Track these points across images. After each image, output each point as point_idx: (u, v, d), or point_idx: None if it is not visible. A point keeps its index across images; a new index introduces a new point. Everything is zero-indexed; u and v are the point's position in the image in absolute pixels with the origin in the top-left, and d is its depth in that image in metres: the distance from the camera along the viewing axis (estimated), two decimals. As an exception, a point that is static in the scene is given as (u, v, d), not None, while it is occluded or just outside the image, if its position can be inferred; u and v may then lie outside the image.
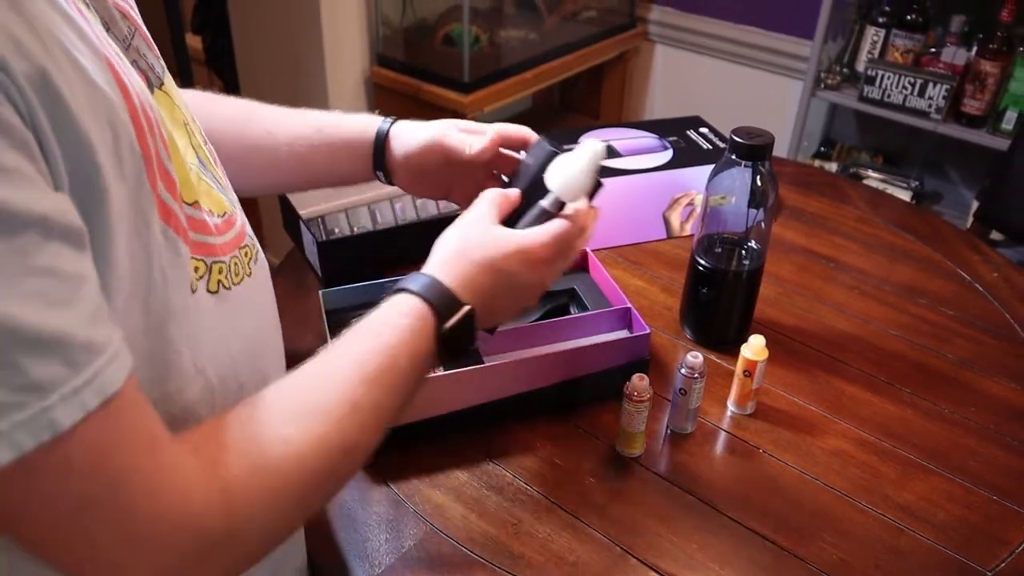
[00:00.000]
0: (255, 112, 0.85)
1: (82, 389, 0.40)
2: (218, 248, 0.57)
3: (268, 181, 0.89)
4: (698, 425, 0.88)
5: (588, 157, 0.70)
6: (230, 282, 0.58)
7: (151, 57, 0.59)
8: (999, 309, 1.09)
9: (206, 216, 0.56)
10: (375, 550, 0.74)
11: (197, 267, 0.54)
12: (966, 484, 0.82)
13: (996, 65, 1.88)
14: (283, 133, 0.83)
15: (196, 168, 0.58)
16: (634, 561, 0.73)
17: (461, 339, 0.64)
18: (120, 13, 0.56)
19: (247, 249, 0.62)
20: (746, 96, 2.37)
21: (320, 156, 0.83)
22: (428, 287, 0.63)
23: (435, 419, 0.83)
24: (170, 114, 0.58)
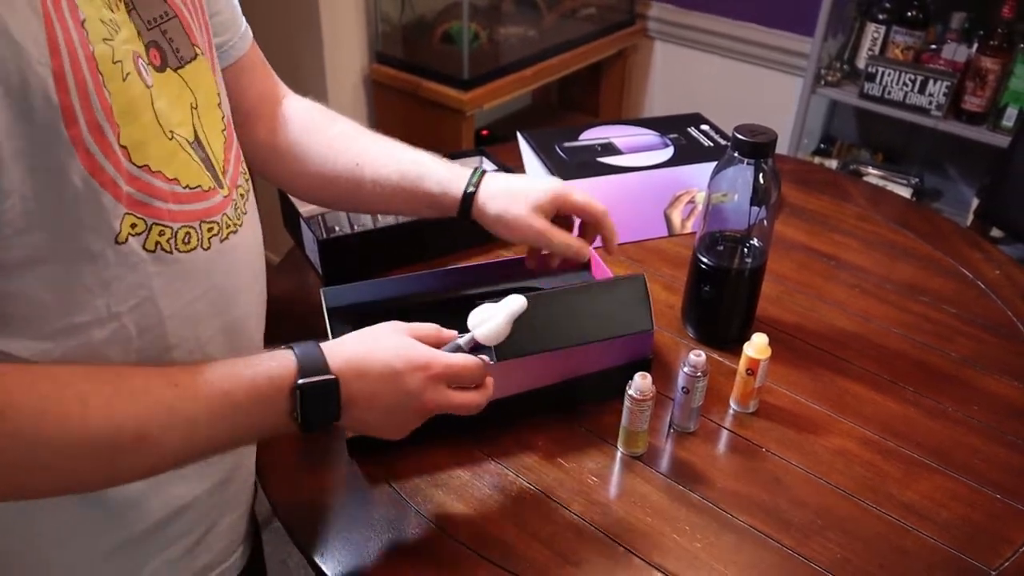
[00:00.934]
0: (351, 140, 0.90)
1: None
2: (165, 213, 0.59)
3: (352, 205, 0.98)
4: (701, 424, 0.87)
5: (511, 308, 0.74)
6: (172, 247, 0.60)
7: (181, 41, 0.64)
8: (1001, 307, 1.09)
9: (159, 182, 0.58)
10: (377, 549, 0.74)
11: (135, 224, 0.57)
12: (970, 483, 0.82)
13: (997, 62, 1.88)
14: (369, 170, 0.87)
15: (180, 141, 0.61)
16: (637, 561, 0.73)
17: (317, 404, 0.62)
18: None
19: (213, 225, 0.64)
20: (746, 93, 2.37)
21: (402, 200, 0.89)
22: (307, 347, 0.64)
23: (438, 418, 0.82)
24: (177, 93, 0.63)
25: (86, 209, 0.54)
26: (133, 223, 0.57)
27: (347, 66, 2.06)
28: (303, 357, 0.62)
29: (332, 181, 0.88)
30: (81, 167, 0.53)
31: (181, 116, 0.63)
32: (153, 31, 0.61)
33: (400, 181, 0.87)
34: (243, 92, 0.83)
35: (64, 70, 0.51)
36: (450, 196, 0.87)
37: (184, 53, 0.64)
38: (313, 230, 1.07)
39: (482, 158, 1.29)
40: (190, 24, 0.66)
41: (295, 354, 0.63)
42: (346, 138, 0.90)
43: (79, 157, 0.52)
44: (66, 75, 0.51)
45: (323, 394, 0.63)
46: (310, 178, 0.89)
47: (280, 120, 0.90)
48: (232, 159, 0.70)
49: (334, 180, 0.88)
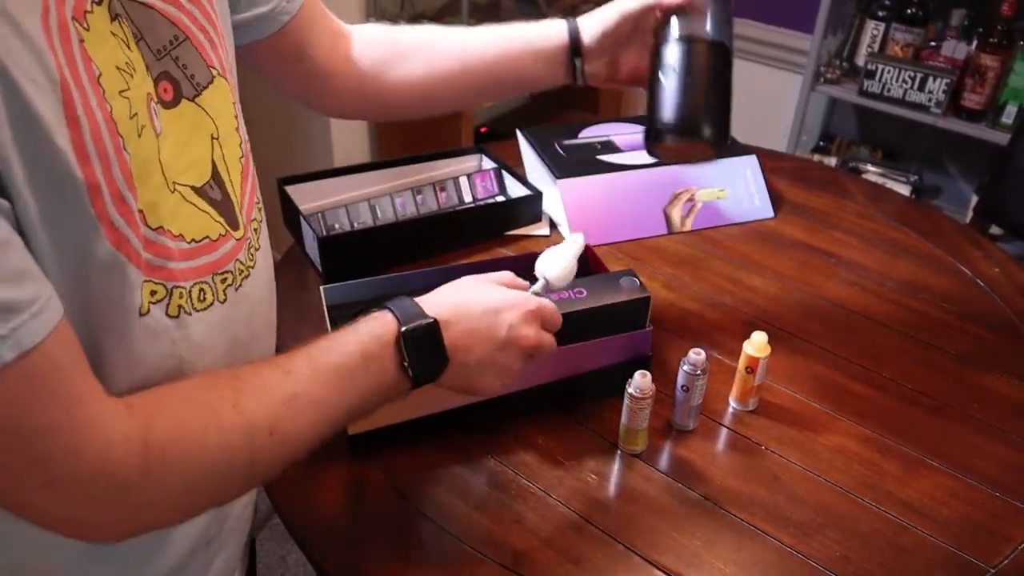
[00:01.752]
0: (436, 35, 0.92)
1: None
2: (179, 273, 0.57)
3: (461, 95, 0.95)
4: (700, 422, 0.87)
5: (568, 249, 0.76)
6: (191, 308, 0.58)
7: (196, 65, 0.60)
8: (1000, 305, 1.09)
9: (169, 241, 0.56)
10: (378, 548, 0.74)
11: (154, 291, 0.55)
12: (969, 481, 0.82)
13: (996, 59, 1.88)
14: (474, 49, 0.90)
15: (182, 191, 0.58)
16: (637, 559, 0.73)
17: (424, 349, 0.64)
18: (168, 20, 0.57)
19: (226, 275, 0.62)
20: (745, 90, 2.36)
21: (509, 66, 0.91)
22: (398, 301, 0.66)
23: (438, 415, 0.83)
24: (195, 125, 0.59)
25: (112, 283, 0.52)
26: (152, 290, 0.55)
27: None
28: (400, 310, 0.64)
29: (442, 76, 0.89)
30: (107, 242, 0.50)
31: (197, 153, 0.60)
32: (163, 60, 0.57)
33: (506, 44, 0.90)
34: (315, 44, 0.84)
35: (84, 140, 0.48)
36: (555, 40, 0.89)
37: (200, 78, 0.60)
38: (313, 227, 1.07)
39: (481, 156, 1.29)
40: (202, 43, 0.61)
41: (391, 309, 0.64)
42: (430, 33, 0.92)
43: (104, 231, 0.50)
44: (86, 145, 0.48)
45: (427, 337, 0.64)
46: (420, 83, 0.90)
47: (362, 50, 0.90)
48: (248, 189, 0.67)
49: (443, 73, 0.89)
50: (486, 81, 0.91)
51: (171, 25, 0.58)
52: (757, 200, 1.26)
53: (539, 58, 0.90)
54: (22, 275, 0.45)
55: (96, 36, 0.50)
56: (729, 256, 1.16)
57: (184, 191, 0.58)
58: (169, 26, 0.58)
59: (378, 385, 0.63)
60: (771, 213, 1.26)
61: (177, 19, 0.58)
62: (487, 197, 1.24)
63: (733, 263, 1.15)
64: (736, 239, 1.21)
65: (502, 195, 1.25)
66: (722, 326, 1.02)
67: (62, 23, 0.47)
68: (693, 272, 1.13)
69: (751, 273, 1.13)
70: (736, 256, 1.16)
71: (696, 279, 1.11)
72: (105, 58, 0.50)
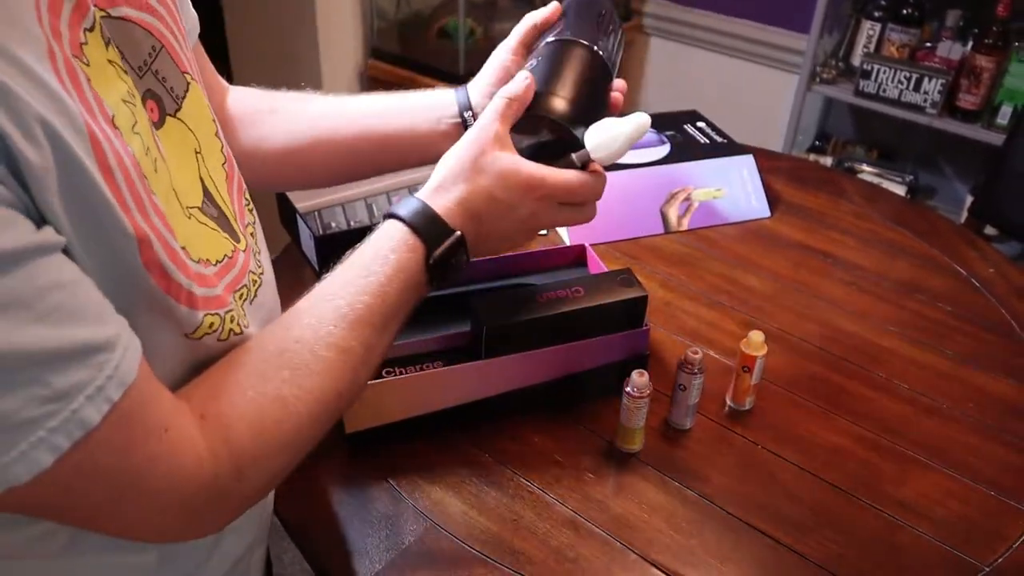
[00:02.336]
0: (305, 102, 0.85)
1: (105, 385, 0.43)
2: (220, 299, 0.56)
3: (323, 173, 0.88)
4: (697, 421, 0.88)
5: (633, 126, 0.69)
6: (240, 327, 0.58)
7: (173, 75, 0.57)
8: (996, 305, 1.09)
9: (207, 269, 0.55)
10: (375, 546, 0.74)
11: (212, 323, 0.55)
12: (964, 480, 0.83)
13: (991, 60, 1.88)
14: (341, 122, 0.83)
15: (195, 214, 0.57)
16: (634, 557, 0.73)
17: (450, 265, 0.65)
18: (145, 30, 0.55)
19: (243, 290, 0.61)
20: (741, 90, 2.37)
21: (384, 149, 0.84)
22: (418, 214, 0.64)
23: (435, 415, 0.83)
24: (180, 143, 0.57)
25: (156, 326, 0.50)
26: (211, 323, 0.54)
27: (342, 61, 2.06)
28: (423, 228, 0.63)
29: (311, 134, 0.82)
30: (160, 290, 0.49)
31: (190, 174, 0.58)
32: (146, 77, 0.54)
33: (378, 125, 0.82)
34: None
35: (121, 190, 0.46)
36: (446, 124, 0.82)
37: (178, 89, 0.58)
38: (310, 226, 1.07)
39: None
40: (175, 47, 0.58)
41: (412, 228, 0.63)
42: (307, 95, 0.85)
43: (154, 279, 0.48)
44: (124, 195, 0.46)
45: (453, 254, 0.64)
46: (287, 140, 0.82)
47: (235, 101, 0.84)
48: (236, 195, 0.65)
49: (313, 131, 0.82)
50: (364, 147, 0.83)
51: (148, 35, 0.55)
52: (754, 200, 1.26)
53: (423, 122, 0.82)
54: (104, 311, 0.44)
55: (98, 71, 0.47)
56: (726, 256, 1.17)
57: (195, 213, 0.57)
58: (147, 36, 0.55)
59: (412, 305, 0.64)
60: (768, 213, 1.26)
61: (152, 26, 0.56)
62: (484, 196, 1.24)
63: (730, 263, 1.15)
64: (733, 239, 1.21)
65: (499, 194, 1.25)
66: (719, 325, 1.02)
67: (68, 64, 0.45)
68: (690, 271, 1.13)
69: (748, 273, 1.13)
70: (733, 256, 1.17)
71: (693, 278, 1.11)
72: (112, 94, 0.48)
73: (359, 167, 0.86)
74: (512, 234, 0.70)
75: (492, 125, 0.68)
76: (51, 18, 0.45)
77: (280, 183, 0.92)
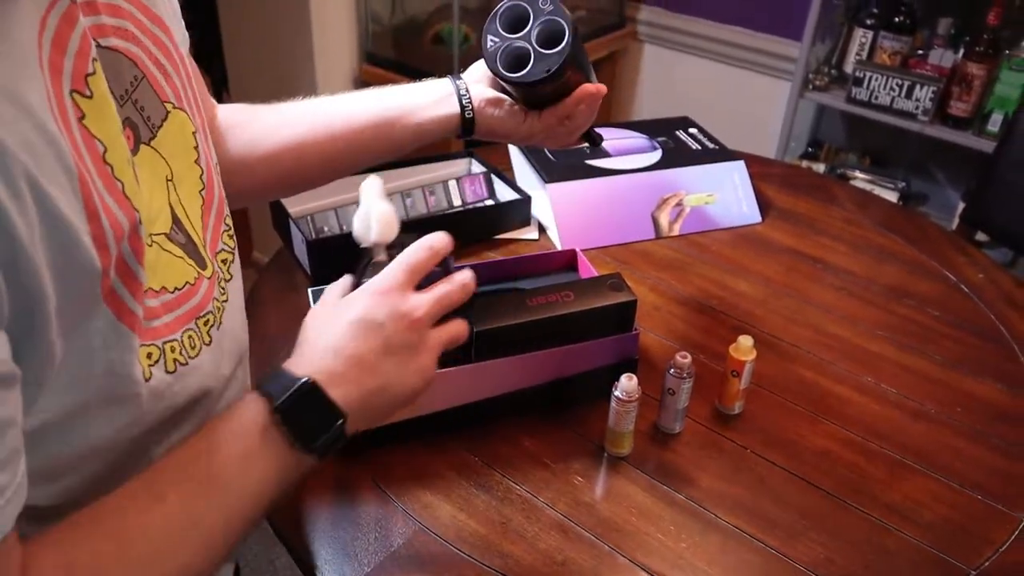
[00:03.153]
0: (299, 106, 0.85)
1: None
2: (164, 329, 0.55)
3: (318, 174, 0.87)
4: (686, 425, 0.88)
5: (365, 198, 0.68)
6: (186, 358, 0.57)
7: (152, 104, 0.58)
8: (984, 310, 1.10)
9: (152, 301, 0.54)
10: (364, 549, 0.74)
11: (150, 353, 0.53)
12: (952, 484, 0.83)
13: (982, 67, 1.89)
14: (339, 121, 0.83)
15: (161, 239, 0.57)
16: (622, 560, 0.73)
17: (310, 420, 0.56)
18: (130, 60, 0.56)
19: (208, 317, 0.61)
20: (734, 97, 2.38)
21: (382, 143, 0.85)
22: (265, 377, 0.58)
23: (424, 418, 0.83)
24: (152, 171, 0.57)
25: (116, 358, 0.50)
26: (148, 352, 0.53)
27: (337, 66, 2.06)
28: (266, 387, 0.57)
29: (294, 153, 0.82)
30: (113, 316, 0.49)
31: (159, 201, 0.57)
32: (126, 106, 0.55)
33: (378, 120, 0.83)
34: None
35: (104, 231, 0.46)
36: (445, 119, 0.83)
37: (155, 118, 0.58)
38: (302, 230, 1.07)
39: (470, 160, 1.29)
40: (156, 77, 0.59)
41: (258, 391, 0.57)
42: (293, 107, 0.84)
43: (108, 307, 0.48)
44: (106, 236, 0.46)
45: (307, 403, 0.56)
46: (281, 143, 0.82)
47: (226, 116, 0.84)
48: (212, 223, 0.65)
49: (296, 150, 0.82)
50: (360, 139, 0.83)
51: (132, 65, 0.56)
52: (745, 205, 1.27)
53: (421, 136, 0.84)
54: (11, 459, 0.44)
55: (99, 103, 0.48)
56: (716, 261, 1.17)
57: (159, 239, 0.56)
58: (130, 67, 0.56)
59: (268, 473, 0.56)
60: (759, 218, 1.27)
61: (136, 56, 0.57)
62: (476, 201, 1.25)
63: (720, 267, 1.15)
64: (724, 244, 1.21)
65: (491, 199, 1.25)
66: (709, 330, 1.03)
67: (60, 102, 0.45)
68: (680, 276, 1.13)
69: (738, 278, 1.13)
70: (723, 261, 1.17)
71: (683, 283, 1.12)
72: (110, 127, 0.48)
73: (353, 157, 0.85)
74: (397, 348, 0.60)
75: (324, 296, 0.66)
76: (52, 53, 0.45)
77: (277, 187, 0.89)
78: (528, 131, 0.85)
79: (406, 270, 0.62)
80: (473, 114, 0.84)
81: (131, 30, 0.57)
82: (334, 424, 0.57)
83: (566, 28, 0.80)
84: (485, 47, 0.81)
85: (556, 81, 0.80)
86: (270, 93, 0.90)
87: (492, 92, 0.85)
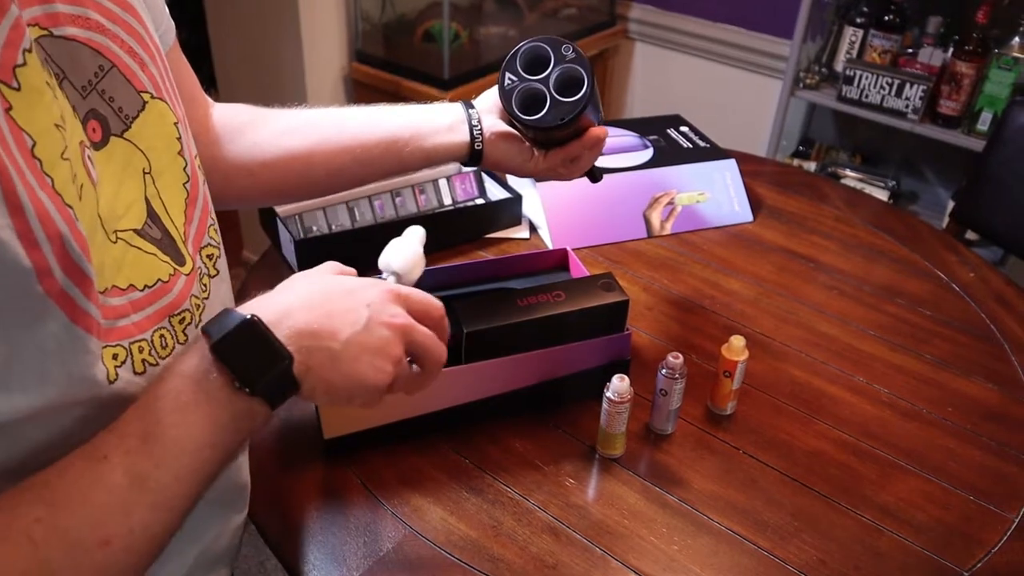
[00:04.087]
0: (305, 115, 0.84)
1: None
2: (133, 328, 0.53)
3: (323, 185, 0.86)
4: (679, 426, 0.87)
5: (409, 238, 0.71)
6: (156, 359, 0.55)
7: (124, 94, 0.56)
8: (975, 309, 1.10)
9: (116, 300, 0.52)
10: (352, 553, 0.73)
11: (116, 354, 0.52)
12: (944, 485, 0.83)
13: (972, 66, 1.90)
14: (348, 135, 0.83)
15: (128, 235, 0.55)
16: (614, 563, 0.73)
17: (250, 359, 0.53)
18: (93, 50, 0.54)
19: (184, 315, 0.59)
20: (725, 95, 2.38)
21: (389, 163, 0.84)
22: (217, 318, 0.55)
23: (414, 420, 0.82)
24: (124, 164, 0.55)
25: (72, 360, 0.48)
26: (114, 354, 0.51)
27: (327, 65, 2.05)
28: (206, 327, 0.54)
29: (298, 163, 0.81)
30: (64, 317, 0.46)
31: (133, 193, 0.56)
32: (89, 97, 0.53)
33: (390, 139, 0.83)
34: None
35: (31, 225, 0.43)
36: (455, 146, 0.83)
37: (128, 109, 0.56)
38: (290, 230, 1.06)
39: (461, 158, 1.28)
40: (130, 67, 0.57)
41: (203, 329, 0.54)
42: (302, 114, 0.84)
43: (59, 307, 0.46)
44: (34, 231, 0.44)
45: (246, 339, 0.53)
46: (262, 167, 0.81)
47: (221, 116, 0.83)
48: (197, 216, 0.63)
49: (298, 161, 0.81)
50: (369, 155, 0.82)
51: (95, 54, 0.54)
52: (736, 204, 1.26)
53: (429, 160, 0.84)
54: None
55: (28, 96, 0.45)
56: (708, 260, 1.17)
57: (126, 236, 0.54)
58: (94, 56, 0.54)
59: (219, 428, 0.53)
60: (750, 217, 1.27)
61: (102, 46, 0.54)
62: (467, 200, 1.24)
63: (712, 267, 1.15)
64: (715, 243, 1.21)
65: (482, 198, 1.24)
66: (701, 330, 1.02)
67: None
68: (672, 276, 1.13)
69: (730, 277, 1.13)
70: (715, 260, 1.17)
71: (675, 283, 1.11)
72: (41, 120, 0.46)
73: (360, 172, 0.85)
74: (357, 330, 0.58)
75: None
76: None
77: (278, 193, 0.87)
78: (533, 168, 0.86)
79: (410, 301, 0.63)
80: (483, 146, 0.84)
81: (95, 18, 0.54)
82: (277, 364, 0.54)
83: (585, 78, 0.79)
84: (502, 83, 0.81)
85: (569, 128, 0.81)
86: (259, 92, 0.89)
87: (503, 126, 0.85)
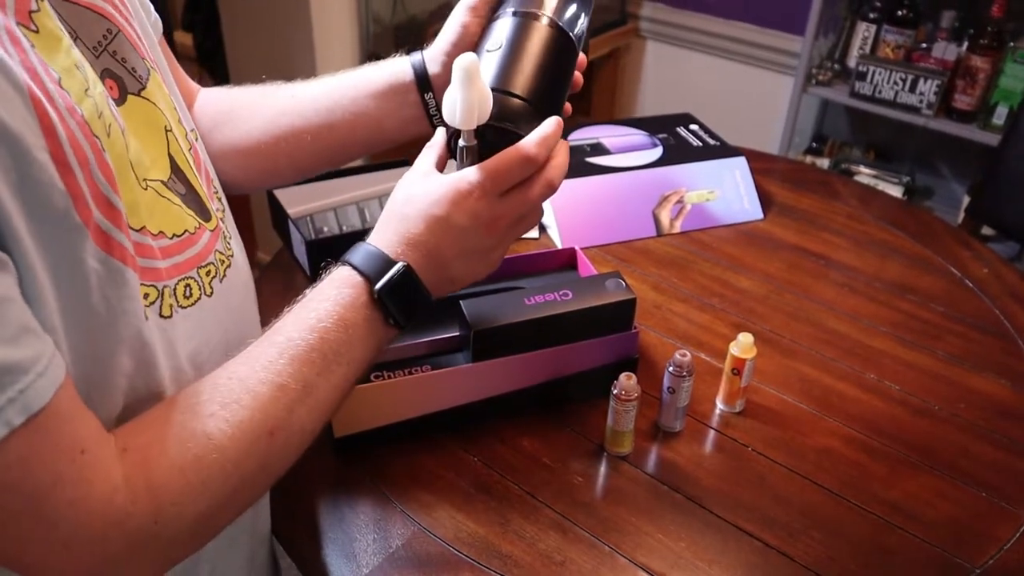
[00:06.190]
0: (269, 91, 0.86)
1: (5, 408, 0.42)
2: (164, 272, 0.55)
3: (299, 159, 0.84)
4: (687, 424, 0.87)
5: (459, 77, 0.61)
6: (177, 306, 0.57)
7: (134, 58, 0.58)
8: (989, 306, 1.09)
9: (151, 240, 0.55)
10: (363, 550, 0.73)
11: (148, 293, 0.53)
12: (955, 481, 0.82)
13: (987, 60, 1.88)
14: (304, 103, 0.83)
15: (157, 185, 0.57)
16: (622, 560, 0.73)
17: (404, 298, 0.62)
18: (97, 14, 0.55)
19: (210, 267, 0.61)
20: (738, 92, 2.37)
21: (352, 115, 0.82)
22: (359, 253, 0.63)
23: (423, 418, 0.83)
24: (146, 120, 0.57)
25: (113, 293, 0.50)
26: (145, 293, 0.53)
27: (338, 65, 2.05)
28: (364, 264, 0.61)
29: (273, 132, 0.82)
30: (98, 248, 0.48)
31: (156, 150, 0.58)
32: (102, 57, 0.55)
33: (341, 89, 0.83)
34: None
35: (63, 149, 0.45)
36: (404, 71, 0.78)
37: (140, 71, 0.58)
38: (301, 231, 1.07)
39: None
40: (132, 35, 0.59)
41: (354, 267, 0.61)
42: (263, 88, 0.86)
43: (92, 237, 0.48)
44: (66, 154, 0.46)
45: (403, 286, 0.61)
46: (248, 143, 0.82)
47: (202, 107, 0.84)
48: (203, 180, 0.65)
49: (274, 129, 0.82)
50: (326, 135, 0.81)
51: (101, 19, 0.56)
52: (746, 202, 1.26)
53: (381, 98, 0.79)
54: (23, 333, 0.43)
55: (46, 38, 0.48)
56: (717, 258, 1.17)
57: (155, 186, 0.57)
58: (99, 20, 0.55)
59: (367, 346, 0.62)
60: (760, 215, 1.26)
61: (104, 11, 0.56)
62: (476, 199, 1.24)
63: (721, 265, 1.15)
64: (725, 241, 1.21)
65: (491, 197, 1.25)
66: (709, 328, 1.02)
67: (9, 30, 0.45)
68: (681, 274, 1.13)
69: (739, 275, 1.13)
70: (724, 258, 1.17)
71: (684, 280, 1.11)
72: (62, 61, 0.48)
73: (328, 158, 0.84)
74: (472, 250, 0.64)
75: (423, 157, 0.68)
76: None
77: (254, 182, 0.88)
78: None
79: (495, 179, 0.63)
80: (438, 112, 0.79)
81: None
82: (424, 306, 0.63)
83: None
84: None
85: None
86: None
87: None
